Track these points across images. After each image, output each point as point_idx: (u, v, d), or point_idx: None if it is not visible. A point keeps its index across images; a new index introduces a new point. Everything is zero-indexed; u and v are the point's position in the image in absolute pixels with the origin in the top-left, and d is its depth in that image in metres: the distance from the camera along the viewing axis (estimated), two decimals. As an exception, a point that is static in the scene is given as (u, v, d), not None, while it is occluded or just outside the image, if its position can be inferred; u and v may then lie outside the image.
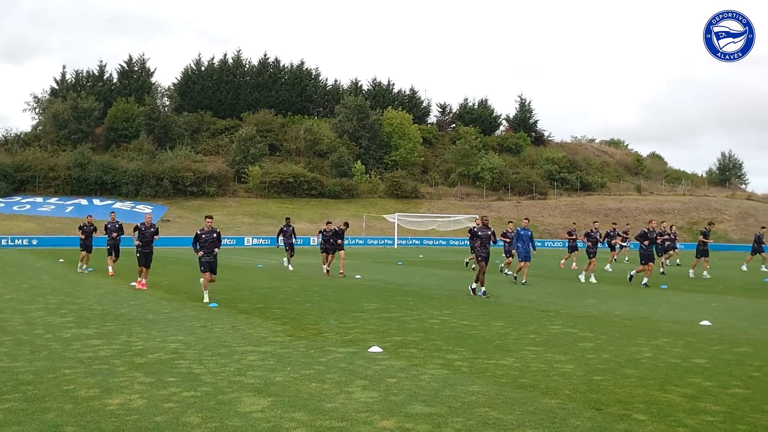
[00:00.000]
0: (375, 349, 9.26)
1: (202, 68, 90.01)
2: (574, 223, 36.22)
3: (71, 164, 67.45)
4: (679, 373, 8.08)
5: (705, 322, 12.40)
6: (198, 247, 15.38)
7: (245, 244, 56.91)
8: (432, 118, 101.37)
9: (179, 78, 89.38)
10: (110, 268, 22.35)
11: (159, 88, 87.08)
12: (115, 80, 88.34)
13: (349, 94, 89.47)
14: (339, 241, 23.62)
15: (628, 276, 21.65)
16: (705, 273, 24.64)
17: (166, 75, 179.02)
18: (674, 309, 14.79)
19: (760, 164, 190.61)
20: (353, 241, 64.23)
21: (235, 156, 75.90)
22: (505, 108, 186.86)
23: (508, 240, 24.91)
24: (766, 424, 5.99)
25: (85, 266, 23.68)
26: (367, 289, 18.46)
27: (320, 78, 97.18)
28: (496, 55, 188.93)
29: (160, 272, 22.72)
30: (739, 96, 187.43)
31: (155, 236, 18.48)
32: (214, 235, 15.54)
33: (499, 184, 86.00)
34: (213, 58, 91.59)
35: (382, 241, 65.46)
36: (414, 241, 66.29)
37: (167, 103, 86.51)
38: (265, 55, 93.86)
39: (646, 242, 20.47)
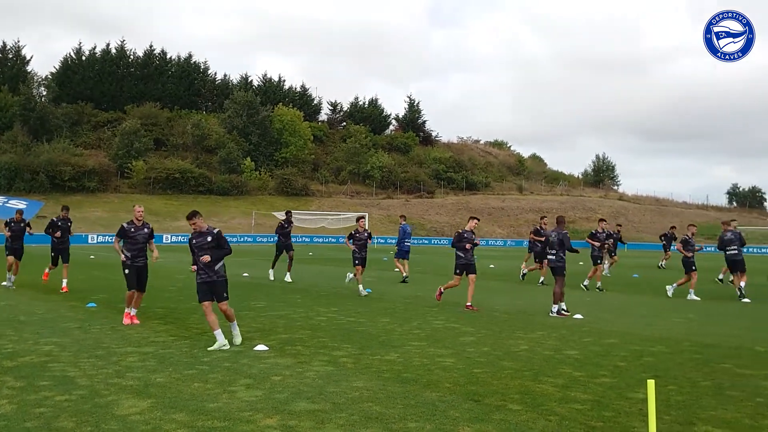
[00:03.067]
0: (261, 347, 9.21)
1: (83, 58, 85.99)
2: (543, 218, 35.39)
3: (-64, 156, 62.91)
4: (552, 364, 8.51)
5: (578, 316, 13.11)
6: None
7: (128, 241, 54.77)
8: (323, 116, 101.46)
9: (58, 67, 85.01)
10: (64, 282, 16.66)
11: (35, 78, 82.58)
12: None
13: (239, 90, 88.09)
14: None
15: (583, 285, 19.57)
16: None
17: (43, 64, 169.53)
18: (551, 303, 15.47)
19: (631, 167, 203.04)
20: (242, 239, 63.26)
21: (118, 150, 73.08)
22: (394, 108, 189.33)
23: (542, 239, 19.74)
24: (629, 410, 6.41)
25: (13, 278, 17.25)
26: (255, 288, 18.27)
27: (209, 72, 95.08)
28: (387, 54, 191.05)
29: (38, 270, 21.49)
30: (612, 101, 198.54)
31: (151, 239, 12.16)
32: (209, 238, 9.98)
33: (388, 182, 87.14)
34: (95, 47, 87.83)
35: (272, 239, 64.77)
36: (304, 238, 66.05)
37: (44, 93, 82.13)
38: (150, 47, 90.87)
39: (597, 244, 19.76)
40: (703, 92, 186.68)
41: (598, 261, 19.56)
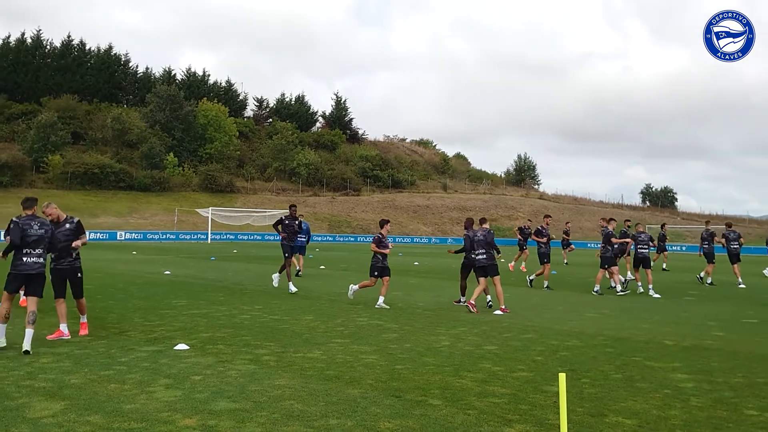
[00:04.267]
0: (181, 346, 9.05)
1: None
2: (568, 223, 34.83)
3: None
4: (473, 359, 8.69)
5: (497, 312, 13.40)
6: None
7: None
8: (249, 112, 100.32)
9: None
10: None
11: (-57, 66, 78.62)
12: None
13: (162, 83, 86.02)
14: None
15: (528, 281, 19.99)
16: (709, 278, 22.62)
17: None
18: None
19: (551, 166, 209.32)
20: (164, 236, 61.89)
21: (33, 144, 70.30)
22: (321, 105, 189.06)
23: (544, 241, 19.34)
24: (544, 403, 6.61)
25: None
26: (177, 286, 17.93)
27: (130, 64, 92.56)
28: (313, 51, 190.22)
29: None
30: (534, 102, 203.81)
31: (79, 242, 10.30)
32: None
33: (315, 179, 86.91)
34: (9, 36, 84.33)
35: (195, 236, 63.70)
36: (228, 236, 65.17)
37: (-47, 83, 78.24)
38: (68, 37, 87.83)
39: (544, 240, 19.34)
40: (617, 95, 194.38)
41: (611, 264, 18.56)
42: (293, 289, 16.61)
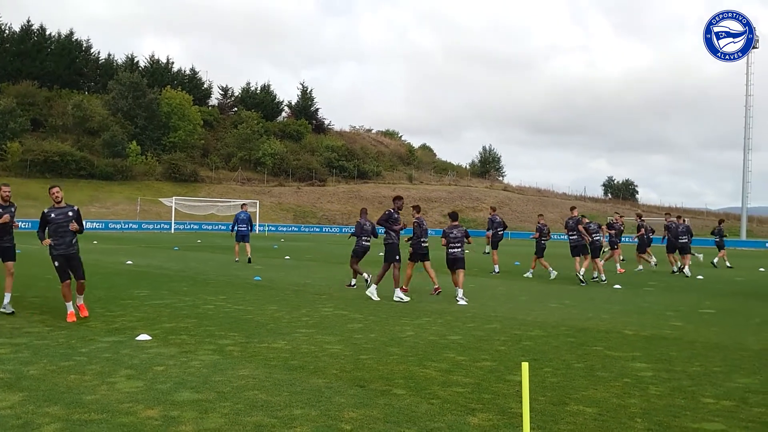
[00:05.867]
0: (143, 337, 8.95)
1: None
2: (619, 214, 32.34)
3: None
4: (437, 349, 8.75)
5: (462, 302, 13.50)
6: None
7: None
8: (213, 101, 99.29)
9: None
10: (80, 300, 10.94)
11: None
12: None
13: (124, 70, 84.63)
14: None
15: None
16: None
17: None
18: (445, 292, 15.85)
19: (515, 158, 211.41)
20: (126, 226, 61.01)
21: (-9, 130, 68.68)
22: (287, 95, 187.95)
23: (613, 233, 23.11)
24: (507, 392, 6.68)
25: None
26: (139, 276, 17.70)
27: (92, 51, 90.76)
28: (279, 40, 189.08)
29: None
30: (500, 95, 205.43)
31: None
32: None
33: (280, 169, 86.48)
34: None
35: (159, 226, 62.91)
36: (192, 225, 64.52)
37: None
38: (28, 22, 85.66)
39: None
40: (581, 89, 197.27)
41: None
42: (375, 296, 13.90)
